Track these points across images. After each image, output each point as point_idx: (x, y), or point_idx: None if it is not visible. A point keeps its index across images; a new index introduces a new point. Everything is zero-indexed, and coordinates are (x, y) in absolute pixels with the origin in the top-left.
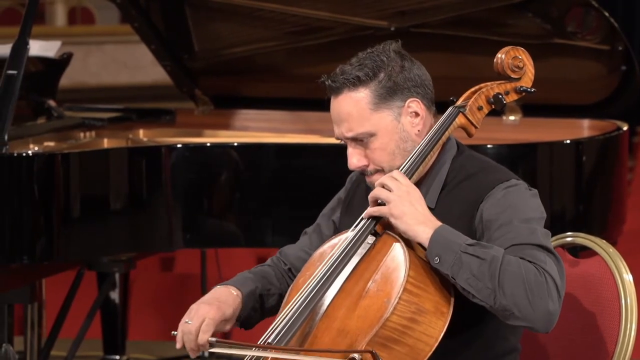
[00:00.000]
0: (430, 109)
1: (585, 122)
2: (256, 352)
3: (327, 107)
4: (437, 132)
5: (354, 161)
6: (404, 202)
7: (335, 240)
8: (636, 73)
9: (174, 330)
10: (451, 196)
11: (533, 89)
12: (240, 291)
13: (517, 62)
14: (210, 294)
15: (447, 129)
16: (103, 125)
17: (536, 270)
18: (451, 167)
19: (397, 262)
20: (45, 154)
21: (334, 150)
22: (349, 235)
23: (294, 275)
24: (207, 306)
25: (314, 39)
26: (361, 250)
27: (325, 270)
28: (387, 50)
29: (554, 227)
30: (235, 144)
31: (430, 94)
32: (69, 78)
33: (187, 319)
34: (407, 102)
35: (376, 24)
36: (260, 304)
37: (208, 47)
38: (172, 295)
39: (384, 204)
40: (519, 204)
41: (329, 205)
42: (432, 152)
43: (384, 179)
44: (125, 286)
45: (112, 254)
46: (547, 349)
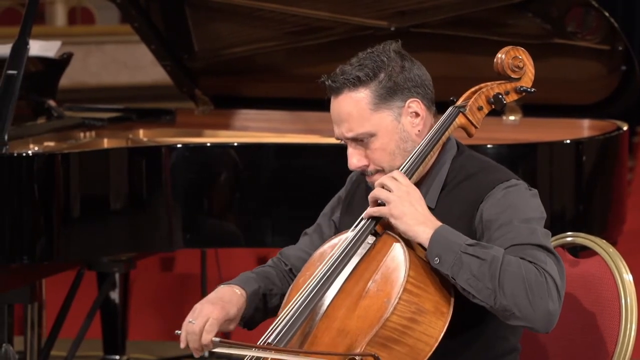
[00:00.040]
0: (431, 109)
1: (585, 122)
2: (260, 352)
3: (327, 107)
4: (437, 132)
5: (354, 161)
6: (404, 202)
7: (335, 240)
8: (636, 73)
9: (174, 330)
10: (451, 196)
11: (533, 89)
12: (245, 290)
13: (517, 62)
14: (213, 293)
15: (447, 129)
16: (103, 125)
17: (536, 270)
18: (451, 167)
19: (397, 262)
20: (45, 154)
21: (334, 150)
22: (349, 235)
23: (295, 275)
24: (211, 306)
25: (314, 39)
26: (361, 250)
27: (325, 270)
28: (387, 51)
29: (554, 227)
30: (235, 144)
31: (431, 94)
32: (69, 78)
33: (190, 319)
34: (408, 102)
35: (376, 24)
36: (263, 304)
37: (208, 47)
38: (172, 295)
39: (384, 204)
40: (519, 204)
41: (329, 205)
42: (432, 152)
43: (384, 180)
44: (125, 286)
45: (112, 254)
46: (547, 349)
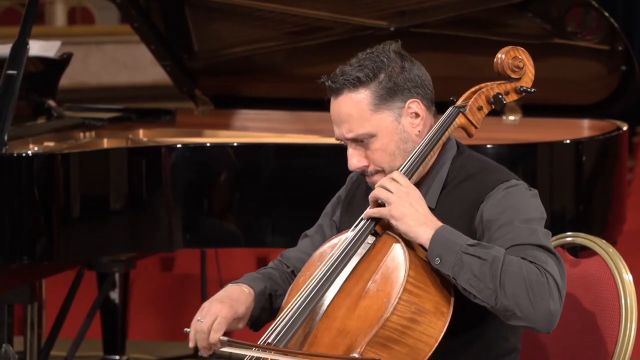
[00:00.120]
0: (430, 109)
1: (585, 122)
2: (268, 354)
3: (326, 107)
4: (437, 132)
5: (354, 162)
6: (404, 203)
7: (335, 240)
8: (636, 73)
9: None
10: (451, 196)
11: (533, 89)
12: (253, 289)
13: (517, 62)
14: (222, 292)
15: (447, 129)
16: (103, 126)
17: (538, 270)
18: (451, 167)
19: (397, 262)
20: (45, 154)
21: (333, 151)
22: (348, 235)
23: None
24: (219, 304)
25: (313, 39)
26: (361, 251)
27: (325, 270)
28: (387, 51)
29: (554, 227)
30: (235, 144)
31: (430, 94)
32: (69, 78)
33: (199, 317)
34: (408, 102)
35: (376, 24)
36: (269, 304)
37: (208, 47)
38: (172, 295)
39: (384, 204)
40: (520, 204)
41: (330, 205)
42: (432, 152)
43: (384, 181)
44: (125, 286)
45: (112, 254)
46: (547, 349)
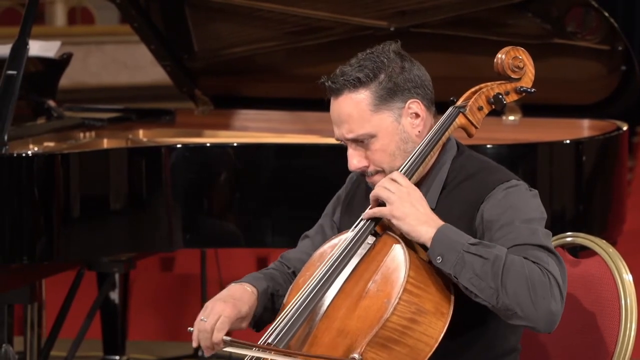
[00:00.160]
0: (430, 109)
1: (585, 122)
2: (271, 355)
3: (326, 107)
4: (437, 132)
5: (355, 162)
6: (405, 203)
7: (335, 241)
8: (636, 73)
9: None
10: (451, 196)
11: (533, 89)
12: (256, 288)
13: (517, 62)
14: (225, 291)
15: (447, 129)
16: (103, 126)
17: (540, 270)
18: (451, 168)
19: (397, 263)
20: (45, 154)
21: (333, 151)
22: (348, 235)
23: None
24: (222, 304)
25: (313, 39)
26: (361, 251)
27: (325, 270)
28: (386, 51)
29: (554, 227)
30: (235, 144)
31: (430, 94)
32: (69, 78)
33: (202, 317)
34: (408, 103)
35: (376, 24)
36: (271, 304)
37: (208, 47)
38: (172, 295)
39: (384, 204)
40: (520, 204)
41: (330, 205)
42: (432, 153)
43: (384, 181)
44: (125, 286)
45: (112, 254)
46: (547, 349)
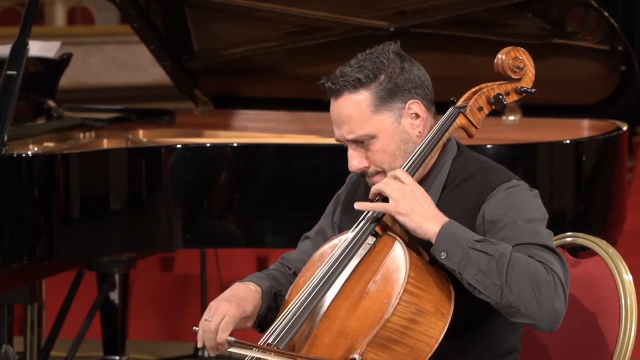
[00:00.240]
0: (430, 109)
1: (585, 122)
2: (276, 356)
3: (326, 107)
4: (437, 132)
5: (355, 163)
6: (409, 199)
7: (335, 241)
8: (636, 73)
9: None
10: (452, 197)
11: (533, 90)
12: (260, 287)
13: (518, 62)
14: (228, 291)
15: (447, 130)
16: (103, 126)
17: (544, 269)
18: (452, 168)
19: (398, 263)
20: (45, 155)
21: (333, 151)
22: (349, 235)
23: None
24: (226, 303)
25: (313, 39)
26: (361, 251)
27: (325, 270)
28: (386, 52)
29: (554, 227)
30: (235, 144)
31: (430, 94)
32: (69, 78)
33: (207, 317)
34: (408, 103)
35: (376, 24)
36: (275, 303)
37: (208, 47)
38: (172, 295)
39: (387, 200)
40: (521, 204)
41: (330, 206)
42: (432, 153)
43: (388, 179)
44: (125, 286)
45: (112, 254)
46: (547, 349)
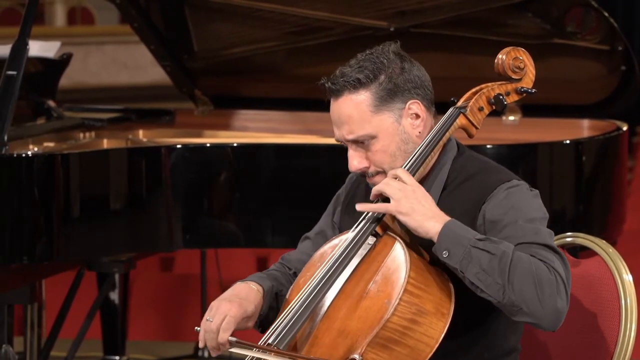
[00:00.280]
0: (430, 109)
1: (585, 122)
2: (274, 356)
3: (326, 107)
4: (437, 132)
5: (355, 163)
6: (411, 199)
7: (335, 241)
8: (636, 73)
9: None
10: (452, 197)
11: (534, 90)
12: (261, 286)
13: (518, 62)
14: (230, 290)
15: (447, 130)
16: (103, 126)
17: (547, 268)
18: (452, 168)
19: (398, 263)
20: (45, 155)
21: (333, 151)
22: (349, 236)
23: None
24: (228, 303)
25: (313, 39)
26: (362, 251)
27: (325, 270)
28: (386, 52)
29: (554, 227)
30: (234, 144)
31: (430, 94)
32: (69, 78)
33: (208, 317)
34: (408, 103)
35: (376, 24)
36: (276, 303)
37: (208, 47)
38: (172, 295)
39: (387, 200)
40: (522, 204)
41: (330, 206)
42: (432, 153)
43: (388, 179)
44: (125, 286)
45: (112, 254)
46: (547, 349)
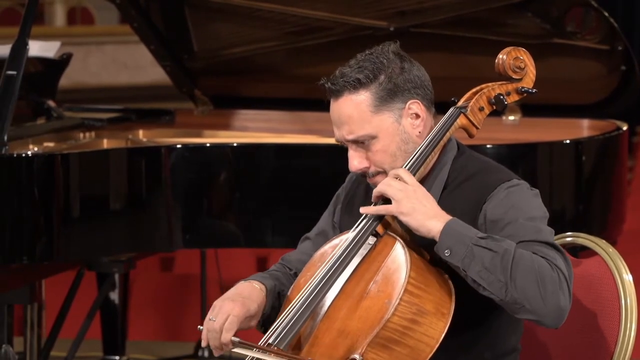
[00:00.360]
0: (430, 109)
1: (585, 122)
2: (274, 357)
3: (326, 108)
4: (438, 132)
5: (355, 163)
6: (411, 199)
7: (336, 241)
8: (636, 73)
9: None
10: (453, 197)
11: (534, 90)
12: (264, 285)
13: (519, 62)
14: (233, 289)
15: (448, 130)
16: (103, 126)
17: (549, 265)
18: (452, 168)
19: (398, 263)
20: (45, 155)
21: (333, 151)
22: (349, 235)
23: None
24: (231, 303)
25: (313, 39)
26: (362, 251)
27: (326, 270)
28: (386, 52)
29: (554, 227)
30: (234, 144)
31: (430, 94)
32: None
33: (211, 316)
34: (408, 103)
35: (375, 24)
36: (278, 303)
37: (208, 47)
38: (172, 295)
39: (388, 201)
40: (522, 203)
41: (330, 206)
42: (433, 153)
43: (389, 179)
44: (125, 286)
45: (112, 254)
46: (547, 348)
